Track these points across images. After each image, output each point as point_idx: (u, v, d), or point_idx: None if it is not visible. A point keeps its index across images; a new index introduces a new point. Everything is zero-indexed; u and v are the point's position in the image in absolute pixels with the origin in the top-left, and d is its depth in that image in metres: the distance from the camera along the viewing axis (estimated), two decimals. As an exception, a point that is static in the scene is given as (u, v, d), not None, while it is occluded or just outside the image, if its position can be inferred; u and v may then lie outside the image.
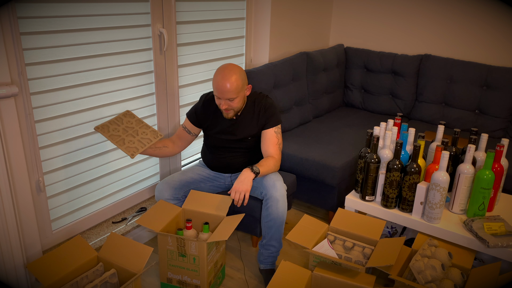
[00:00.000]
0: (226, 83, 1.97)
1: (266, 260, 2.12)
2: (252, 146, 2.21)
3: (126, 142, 1.98)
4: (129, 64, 2.18)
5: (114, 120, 2.04)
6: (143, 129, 2.08)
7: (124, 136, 2.00)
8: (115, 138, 1.98)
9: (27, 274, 1.87)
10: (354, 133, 2.92)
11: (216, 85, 2.00)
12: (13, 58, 1.69)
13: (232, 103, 2.03)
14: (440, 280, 1.71)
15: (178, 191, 2.14)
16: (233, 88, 1.98)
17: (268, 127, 2.14)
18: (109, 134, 1.97)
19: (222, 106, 2.04)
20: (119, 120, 2.05)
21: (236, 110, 2.08)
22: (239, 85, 2.00)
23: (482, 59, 3.13)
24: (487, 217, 1.95)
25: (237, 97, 2.02)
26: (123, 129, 2.02)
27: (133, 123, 2.07)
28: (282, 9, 3.02)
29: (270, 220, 2.02)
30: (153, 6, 2.20)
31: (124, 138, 1.99)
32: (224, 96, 2.00)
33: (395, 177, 1.96)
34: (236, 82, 1.99)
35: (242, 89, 2.04)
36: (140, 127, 2.08)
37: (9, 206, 1.74)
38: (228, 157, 2.22)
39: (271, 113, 2.15)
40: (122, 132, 2.01)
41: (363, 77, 3.46)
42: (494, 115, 2.97)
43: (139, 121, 2.10)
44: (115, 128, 2.00)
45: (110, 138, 1.97)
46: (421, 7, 3.29)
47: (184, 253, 1.92)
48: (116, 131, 2.00)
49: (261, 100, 2.17)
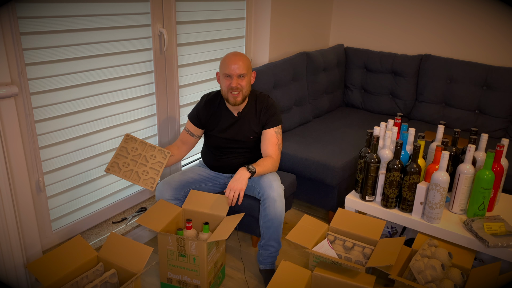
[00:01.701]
0: (238, 59, 2.03)
1: (265, 261, 2.12)
2: (252, 147, 2.21)
3: (140, 174, 1.98)
4: (129, 64, 2.18)
5: (119, 153, 1.99)
6: (149, 152, 2.04)
7: (136, 169, 1.98)
8: (128, 174, 1.96)
9: (27, 274, 1.87)
10: (354, 133, 2.92)
11: (228, 61, 2.04)
12: (13, 58, 1.69)
13: (242, 82, 2.05)
14: (440, 280, 1.71)
15: (179, 191, 2.14)
16: (244, 64, 2.04)
17: (269, 127, 2.14)
18: (122, 172, 1.95)
19: (233, 83, 2.04)
20: (123, 151, 2.00)
21: (244, 93, 2.08)
22: (248, 63, 2.08)
23: (482, 59, 3.13)
24: (487, 217, 1.95)
25: (247, 76, 2.06)
26: (131, 160, 1.99)
27: (137, 148, 2.03)
28: (282, 9, 3.02)
29: (268, 221, 2.02)
30: (153, 6, 2.20)
31: (137, 171, 1.98)
32: (235, 71, 2.02)
33: (395, 177, 1.96)
34: (247, 61, 2.07)
35: (250, 69, 2.10)
36: (146, 150, 2.04)
37: (9, 206, 1.74)
38: (229, 158, 2.22)
39: (272, 113, 2.15)
40: (132, 164, 1.99)
41: (363, 77, 3.46)
42: (494, 115, 2.97)
43: (142, 144, 2.05)
44: (124, 162, 1.98)
45: (124, 176, 1.95)
46: (421, 7, 3.29)
47: (184, 253, 1.92)
48: (126, 165, 1.97)
49: (262, 100, 2.18)
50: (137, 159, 2.01)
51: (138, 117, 2.31)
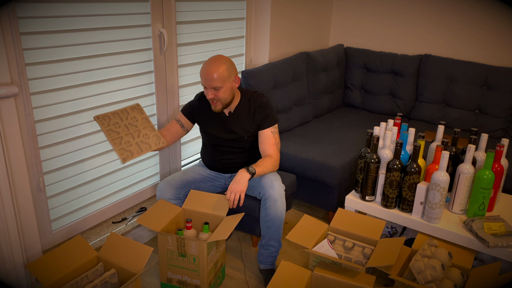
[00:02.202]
0: (212, 71, 1.95)
1: (266, 260, 2.12)
2: (249, 146, 2.20)
3: (122, 142, 1.83)
4: (129, 64, 2.18)
5: (118, 112, 1.88)
6: (146, 130, 1.92)
7: (123, 135, 1.84)
8: (112, 134, 1.82)
9: (27, 274, 1.87)
10: (354, 133, 2.92)
11: (202, 73, 1.99)
12: (13, 58, 1.69)
13: (218, 93, 2.00)
14: (440, 280, 1.71)
15: (180, 190, 2.14)
16: (219, 77, 1.95)
17: (265, 127, 2.13)
18: (108, 128, 1.81)
19: (208, 95, 2.00)
20: (124, 113, 1.88)
21: (223, 102, 2.04)
22: (225, 74, 1.97)
23: (482, 59, 3.13)
24: (487, 217, 1.95)
25: (223, 87, 1.99)
26: (124, 125, 1.86)
27: (138, 120, 1.91)
28: (282, 9, 3.02)
29: (268, 220, 2.02)
30: (153, 6, 2.20)
31: (122, 137, 1.83)
32: (209, 84, 1.97)
33: (395, 177, 1.96)
34: (223, 72, 1.96)
35: (228, 79, 2.00)
36: (144, 127, 1.92)
37: (9, 206, 1.74)
38: (226, 157, 2.22)
39: (267, 113, 2.13)
40: (123, 129, 1.85)
41: (363, 77, 3.46)
42: (494, 115, 2.97)
43: (145, 120, 1.94)
44: (116, 122, 1.85)
45: (107, 133, 1.81)
46: (421, 7, 3.29)
47: (184, 253, 1.92)
48: (117, 126, 1.83)
49: (256, 99, 2.15)
50: (130, 129, 1.88)
51: (138, 117, 2.31)
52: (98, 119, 1.83)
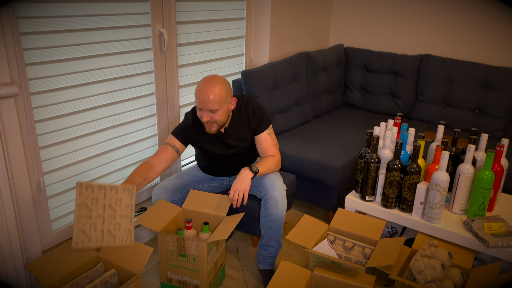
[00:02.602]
0: (209, 93, 1.86)
1: (265, 261, 2.12)
2: (247, 152, 2.19)
3: (87, 224, 1.62)
4: (129, 64, 2.18)
5: (106, 187, 1.67)
6: (122, 220, 1.70)
7: (94, 216, 1.63)
8: (82, 211, 1.63)
9: (27, 274, 1.87)
10: (354, 133, 2.92)
11: (198, 95, 1.89)
12: (13, 58, 1.69)
13: (214, 116, 1.91)
14: (440, 280, 1.71)
15: (175, 194, 2.12)
16: (216, 99, 1.87)
17: (261, 131, 2.09)
18: (83, 201, 1.63)
19: (203, 118, 1.91)
20: (111, 190, 1.67)
21: (219, 124, 1.96)
22: (222, 96, 1.89)
23: (482, 59, 3.13)
24: (487, 217, 1.95)
25: (220, 109, 1.91)
26: (103, 204, 1.66)
27: (121, 205, 1.71)
28: (282, 9, 3.02)
29: (269, 221, 2.02)
30: (153, 6, 2.20)
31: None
32: (206, 107, 1.88)
33: (395, 177, 1.96)
34: (220, 93, 1.88)
35: (225, 101, 1.92)
36: (122, 216, 1.70)
37: (9, 206, 1.74)
38: (224, 166, 2.20)
39: (260, 116, 2.08)
40: (98, 208, 1.64)
41: (363, 77, 3.46)
42: (494, 115, 2.97)
43: (129, 208, 1.73)
44: (96, 198, 1.66)
45: (78, 206, 1.63)
46: (421, 7, 3.29)
47: (184, 253, 1.92)
48: (94, 203, 1.64)
49: (246, 105, 2.08)
50: (102, 213, 1.67)
51: (138, 117, 2.31)
52: (80, 186, 1.64)
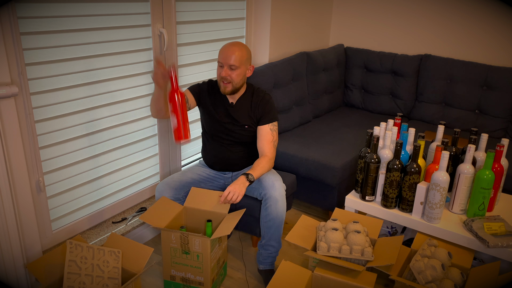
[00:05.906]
0: (234, 49, 2.01)
1: (265, 261, 2.12)
2: (248, 141, 2.20)
3: (76, 281, 1.65)
4: (129, 64, 2.18)
5: (94, 248, 1.72)
6: (100, 258, 1.74)
7: (83, 274, 1.67)
8: (72, 268, 1.65)
9: (27, 274, 1.87)
10: (354, 133, 2.92)
11: (222, 50, 2.03)
12: (13, 58, 1.69)
13: (232, 73, 2.02)
14: (440, 280, 1.71)
15: (179, 191, 2.14)
16: (238, 56, 2.01)
17: (264, 122, 2.13)
18: (73, 258, 1.66)
19: (222, 73, 2.03)
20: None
21: (234, 85, 2.06)
22: (243, 56, 2.03)
23: (482, 59, 3.13)
24: (487, 217, 1.95)
25: (239, 68, 2.03)
26: (91, 264, 1.71)
27: (108, 266, 1.74)
28: (282, 9, 3.02)
29: (269, 220, 2.02)
30: (153, 6, 2.20)
31: (80, 275, 1.66)
32: (227, 61, 2.01)
33: (395, 177, 1.96)
34: (242, 53, 2.02)
35: (245, 62, 2.05)
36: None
37: (9, 206, 1.74)
38: (226, 151, 2.21)
39: (268, 109, 2.14)
40: (87, 267, 1.69)
41: (363, 77, 3.46)
42: (494, 115, 2.97)
43: (115, 271, 1.76)
44: (85, 257, 1.70)
45: (68, 263, 1.65)
46: (421, 7, 3.29)
47: (187, 250, 1.92)
48: (83, 261, 1.69)
49: (259, 93, 2.18)
50: (91, 273, 1.70)
51: (138, 117, 2.31)
52: (70, 244, 1.68)
